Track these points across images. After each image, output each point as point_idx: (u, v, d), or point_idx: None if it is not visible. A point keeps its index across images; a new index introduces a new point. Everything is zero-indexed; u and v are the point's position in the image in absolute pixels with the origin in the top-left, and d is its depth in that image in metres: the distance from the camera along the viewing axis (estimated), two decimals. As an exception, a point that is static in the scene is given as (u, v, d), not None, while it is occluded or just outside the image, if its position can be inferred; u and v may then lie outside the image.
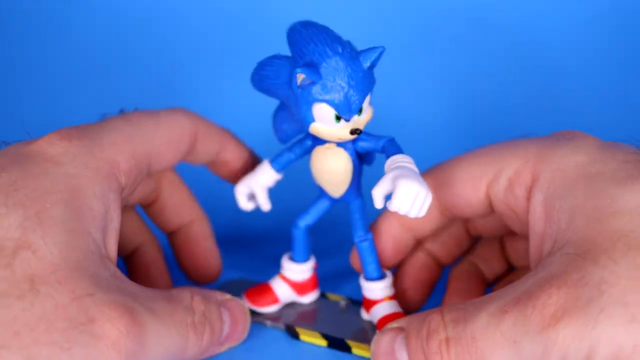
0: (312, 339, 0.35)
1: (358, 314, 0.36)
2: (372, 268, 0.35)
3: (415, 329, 0.29)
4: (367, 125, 0.32)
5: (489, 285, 0.38)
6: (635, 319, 0.23)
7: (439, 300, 0.37)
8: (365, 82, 0.30)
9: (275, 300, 0.37)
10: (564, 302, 0.24)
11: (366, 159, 0.34)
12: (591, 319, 0.24)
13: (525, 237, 0.31)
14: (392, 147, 0.32)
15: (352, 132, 0.31)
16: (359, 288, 0.36)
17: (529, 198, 0.30)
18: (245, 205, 0.37)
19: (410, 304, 0.36)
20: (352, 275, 0.39)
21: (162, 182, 0.38)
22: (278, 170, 0.36)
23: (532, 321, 0.25)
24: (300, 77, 0.29)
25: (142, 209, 0.39)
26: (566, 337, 0.24)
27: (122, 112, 0.34)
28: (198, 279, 0.39)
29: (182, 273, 0.40)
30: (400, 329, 0.30)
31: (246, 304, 0.37)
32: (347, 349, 0.34)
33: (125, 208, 0.36)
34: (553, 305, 0.24)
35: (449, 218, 0.35)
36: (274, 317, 0.37)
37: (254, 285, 0.38)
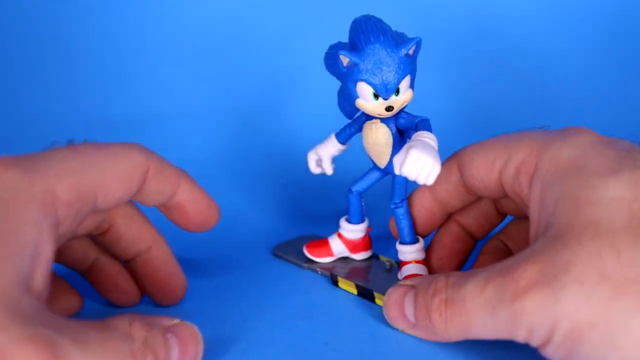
0: (346, 286, 0.40)
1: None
2: (404, 233, 0.39)
3: (424, 287, 0.32)
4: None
5: None
6: (590, 298, 0.25)
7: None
8: (401, 66, 0.34)
9: (330, 253, 0.43)
10: (535, 277, 0.27)
11: (407, 136, 0.38)
12: (554, 293, 0.26)
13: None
14: (423, 125, 0.36)
15: (387, 108, 0.35)
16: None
17: (530, 186, 0.32)
18: (314, 169, 0.42)
19: (444, 271, 0.39)
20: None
21: (113, 211, 0.35)
22: (342, 142, 0.41)
23: (508, 291, 0.27)
24: (345, 59, 0.34)
25: (93, 238, 0.36)
26: (533, 308, 0.26)
27: (70, 142, 0.32)
28: (163, 301, 0.38)
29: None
30: (412, 286, 0.34)
31: (306, 253, 0.43)
32: (372, 299, 0.38)
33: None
34: (526, 279, 0.27)
35: (475, 196, 0.38)
36: (326, 267, 0.42)
37: (316, 240, 0.44)
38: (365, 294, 0.39)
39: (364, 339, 0.34)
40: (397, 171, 0.33)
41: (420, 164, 0.32)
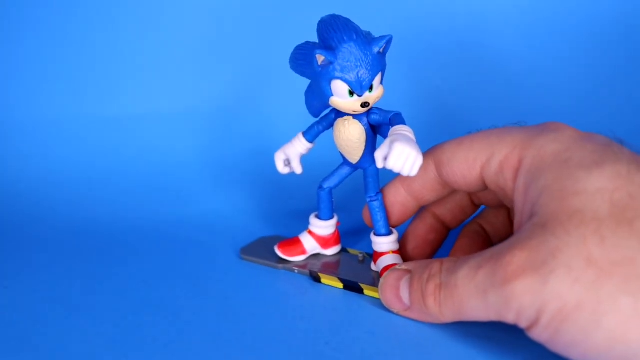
0: (330, 282, 0.39)
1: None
2: (380, 225, 0.39)
3: (419, 272, 0.33)
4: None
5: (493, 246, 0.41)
6: (578, 281, 0.26)
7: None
8: (375, 64, 0.34)
9: (303, 251, 0.42)
10: (524, 262, 0.27)
11: (379, 131, 0.38)
12: (543, 278, 0.26)
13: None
14: (397, 119, 0.36)
15: (363, 105, 0.35)
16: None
17: (515, 179, 0.32)
18: (282, 169, 0.41)
19: (417, 260, 0.40)
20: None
21: None
22: (310, 140, 0.40)
23: (498, 276, 0.28)
24: (320, 58, 0.34)
25: None
26: (522, 291, 0.27)
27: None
28: None
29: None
30: (407, 271, 0.34)
31: (279, 253, 0.42)
32: (360, 291, 0.38)
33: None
34: (515, 264, 0.28)
35: (451, 190, 0.38)
36: (301, 265, 0.41)
37: (286, 239, 0.43)
38: (353, 287, 0.38)
39: (364, 339, 0.33)
40: (379, 165, 0.33)
41: (404, 157, 0.32)
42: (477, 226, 0.41)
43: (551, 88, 0.59)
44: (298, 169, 0.41)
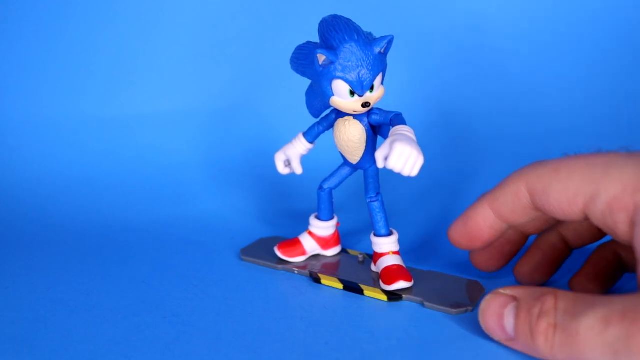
0: (331, 283, 0.39)
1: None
2: (380, 226, 0.38)
3: (528, 304, 0.30)
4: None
5: (571, 251, 0.38)
6: None
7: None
8: (376, 64, 0.34)
9: (303, 252, 0.42)
10: None
11: (379, 131, 0.38)
12: None
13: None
14: (398, 119, 0.35)
15: (364, 105, 0.35)
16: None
17: (631, 224, 0.29)
18: (282, 170, 0.41)
19: (535, 277, 0.38)
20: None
21: None
22: (310, 141, 0.40)
23: (635, 339, 0.25)
24: (322, 58, 0.33)
25: None
26: None
27: None
28: None
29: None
30: (513, 297, 0.31)
31: (279, 254, 0.42)
32: (360, 292, 0.37)
33: None
34: None
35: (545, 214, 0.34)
36: (301, 266, 0.41)
37: (286, 240, 0.43)
38: (352, 288, 0.38)
39: (364, 339, 0.33)
40: (380, 165, 0.33)
41: (405, 157, 0.32)
42: (555, 237, 0.38)
43: (551, 88, 0.59)
44: (298, 170, 0.41)
